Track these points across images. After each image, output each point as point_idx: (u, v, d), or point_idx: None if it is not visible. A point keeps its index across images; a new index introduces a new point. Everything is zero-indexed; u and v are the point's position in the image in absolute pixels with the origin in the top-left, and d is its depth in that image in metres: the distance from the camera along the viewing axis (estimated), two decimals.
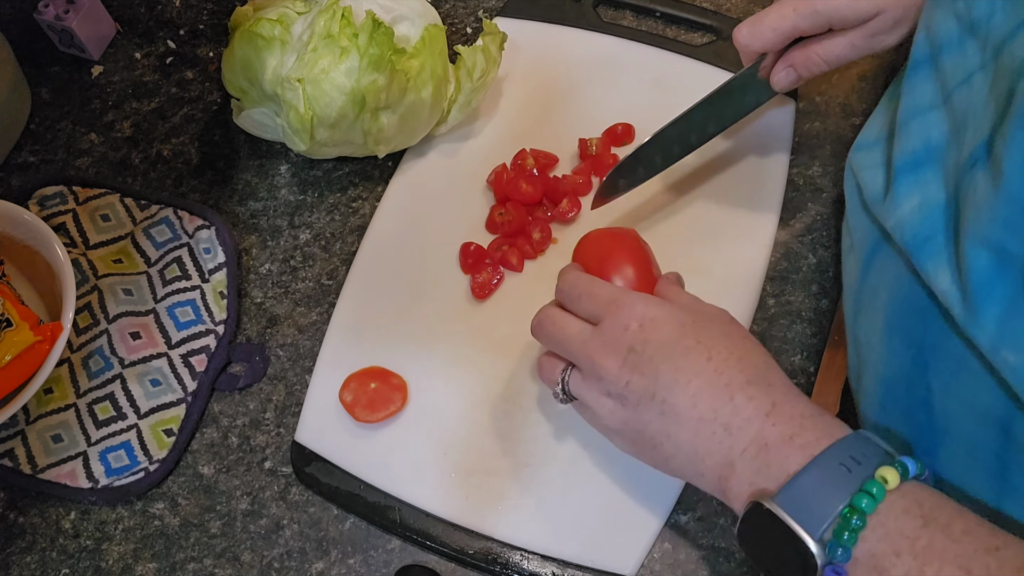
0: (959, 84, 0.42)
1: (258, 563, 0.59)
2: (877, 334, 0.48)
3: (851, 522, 0.39)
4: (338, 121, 0.62)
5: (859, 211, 0.50)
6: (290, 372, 0.64)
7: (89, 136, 0.74)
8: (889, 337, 0.46)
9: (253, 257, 0.69)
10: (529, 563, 0.56)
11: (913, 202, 0.43)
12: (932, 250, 0.41)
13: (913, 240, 0.42)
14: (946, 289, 0.40)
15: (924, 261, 0.41)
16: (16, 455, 0.61)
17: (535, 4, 0.76)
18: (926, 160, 0.43)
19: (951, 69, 0.43)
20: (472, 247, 0.66)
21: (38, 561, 0.60)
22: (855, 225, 0.50)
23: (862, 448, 0.42)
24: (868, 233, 0.48)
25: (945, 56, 0.44)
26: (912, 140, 0.44)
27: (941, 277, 0.40)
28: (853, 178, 0.51)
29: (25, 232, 0.63)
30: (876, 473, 0.40)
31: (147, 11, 0.80)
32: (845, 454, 0.41)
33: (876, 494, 0.39)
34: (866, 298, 0.49)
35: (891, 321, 0.46)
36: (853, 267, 0.51)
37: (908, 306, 0.44)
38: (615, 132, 0.69)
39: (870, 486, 0.40)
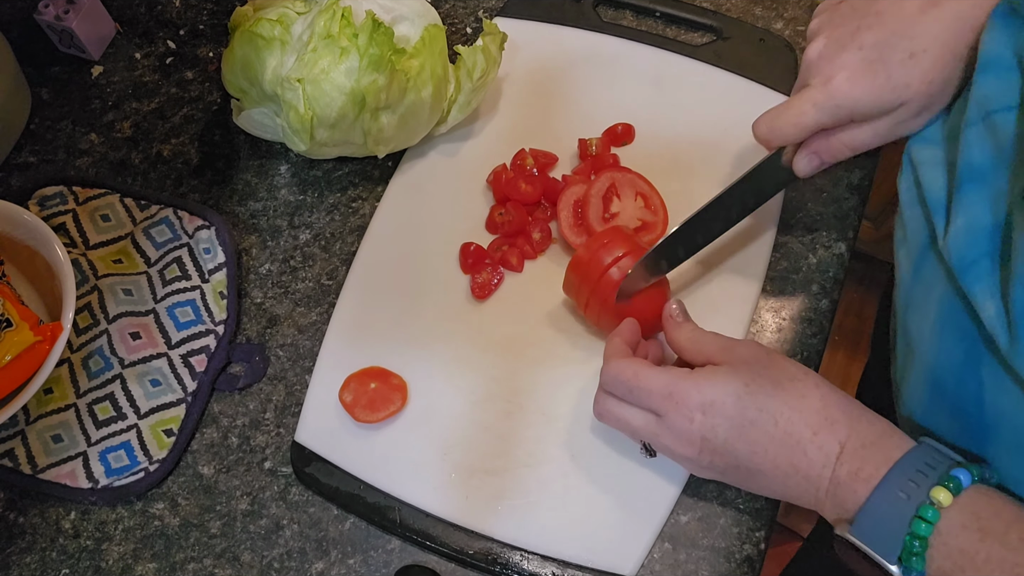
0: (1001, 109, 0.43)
1: (258, 563, 0.59)
2: (930, 326, 0.48)
3: (913, 547, 0.43)
4: (338, 121, 0.62)
5: (915, 205, 0.50)
6: (290, 372, 0.64)
7: (89, 136, 0.74)
8: (942, 330, 0.47)
9: (253, 257, 0.69)
10: (529, 563, 0.56)
11: (959, 223, 0.44)
12: (977, 275, 0.42)
13: (959, 263, 0.43)
14: (991, 316, 0.41)
15: (970, 284, 0.43)
16: (16, 455, 0.61)
17: (535, 4, 0.76)
18: (968, 179, 0.44)
19: (993, 90, 0.43)
20: (472, 247, 0.66)
21: (38, 561, 0.60)
22: (909, 218, 0.50)
23: (919, 466, 0.45)
24: (922, 229, 0.49)
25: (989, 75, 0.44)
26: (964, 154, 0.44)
27: (986, 304, 0.41)
28: (911, 171, 0.50)
29: (25, 232, 0.63)
30: (930, 495, 0.43)
31: (147, 11, 0.80)
32: (904, 479, 0.44)
33: (931, 517, 0.42)
34: (919, 292, 0.49)
35: (944, 315, 0.47)
36: (905, 260, 0.51)
37: (962, 304, 0.45)
38: (615, 132, 0.69)
39: (924, 511, 0.43)
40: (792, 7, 0.75)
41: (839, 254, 0.65)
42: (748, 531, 0.57)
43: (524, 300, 0.64)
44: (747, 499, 0.58)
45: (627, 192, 0.65)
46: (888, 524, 0.44)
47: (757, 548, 0.57)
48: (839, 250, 0.66)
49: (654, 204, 0.65)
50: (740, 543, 0.57)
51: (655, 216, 0.65)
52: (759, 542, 0.57)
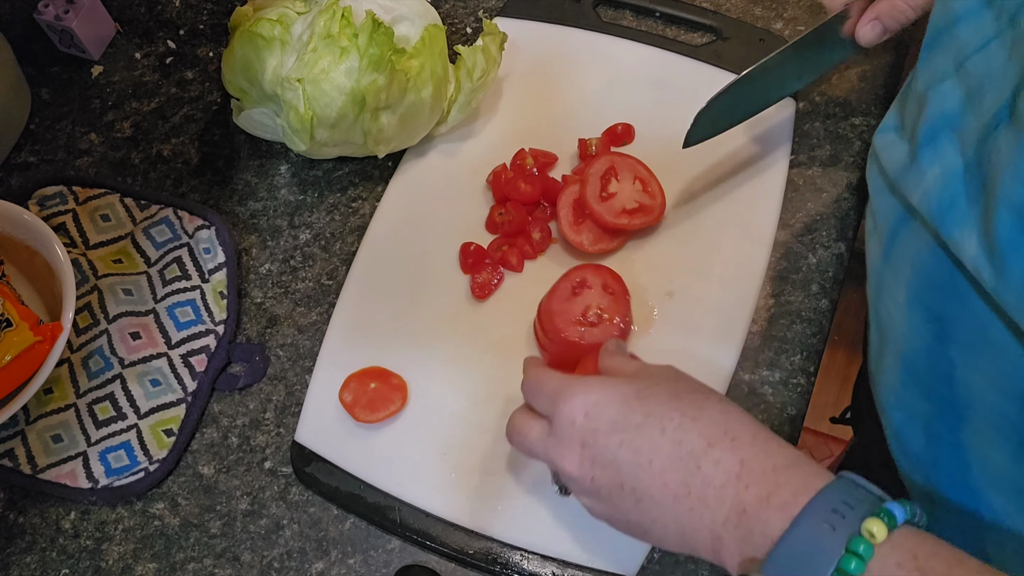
0: (975, 51, 0.42)
1: (258, 563, 0.59)
2: (899, 309, 0.47)
3: None
4: (338, 121, 0.62)
5: (882, 192, 0.50)
6: (290, 372, 0.64)
7: (89, 136, 0.74)
8: (911, 312, 0.46)
9: (253, 257, 0.69)
10: (529, 563, 0.56)
11: (935, 171, 0.43)
12: (956, 217, 0.41)
13: (938, 209, 0.42)
14: (973, 255, 0.39)
15: (950, 229, 0.41)
16: (16, 455, 0.61)
17: (535, 4, 0.76)
18: (942, 128, 0.43)
19: (966, 38, 0.43)
20: (472, 247, 0.66)
21: (38, 561, 0.60)
22: (878, 207, 0.50)
23: (845, 498, 0.38)
24: (892, 211, 0.48)
25: (961, 26, 0.44)
26: (928, 111, 0.44)
27: (967, 243, 0.39)
28: (876, 161, 0.51)
29: (25, 232, 0.63)
30: (862, 527, 0.37)
31: (147, 11, 0.80)
32: (827, 508, 0.38)
33: (863, 553, 0.36)
34: (889, 277, 0.49)
35: (913, 295, 0.46)
36: (876, 248, 0.51)
37: (931, 279, 0.44)
38: (615, 132, 0.69)
39: (856, 544, 0.37)
40: (792, 7, 0.75)
41: (839, 254, 0.65)
42: None
43: (524, 300, 0.64)
44: None
45: (626, 175, 0.65)
46: (809, 562, 0.37)
47: None
48: (839, 250, 0.66)
49: (652, 189, 0.65)
50: None
51: (652, 200, 0.65)
52: None
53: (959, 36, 0.44)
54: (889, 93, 0.71)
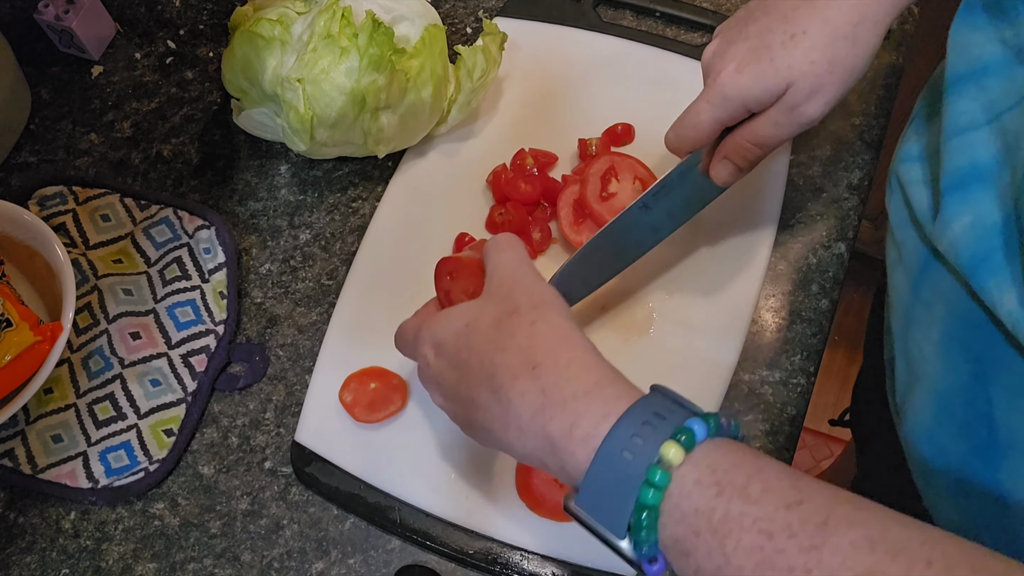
0: (1010, 107, 0.43)
1: (258, 563, 0.59)
2: (933, 347, 0.47)
3: (641, 520, 0.36)
4: (338, 121, 0.62)
5: (907, 225, 0.49)
6: (290, 372, 0.64)
7: (89, 136, 0.74)
8: (947, 350, 0.46)
9: (253, 257, 0.69)
10: (529, 563, 0.56)
11: (964, 221, 0.43)
12: (991, 270, 0.41)
13: (970, 261, 0.42)
14: (1012, 310, 0.39)
15: (984, 281, 0.41)
16: (16, 455, 0.61)
17: (535, 4, 0.76)
18: (974, 179, 0.43)
19: (999, 91, 0.43)
20: (466, 238, 0.66)
21: (38, 561, 0.60)
22: (903, 239, 0.50)
23: (646, 418, 0.38)
24: (918, 248, 0.48)
25: (991, 78, 0.44)
26: (956, 159, 0.44)
27: (1005, 298, 0.40)
28: (900, 191, 0.50)
29: (25, 232, 0.63)
30: (659, 453, 0.36)
31: (147, 11, 0.80)
32: (627, 436, 0.37)
33: (659, 481, 0.36)
34: (919, 312, 0.48)
35: (948, 334, 0.45)
36: (903, 281, 0.50)
37: (968, 320, 0.43)
38: (615, 132, 0.69)
39: (652, 474, 0.36)
40: None
41: (839, 254, 0.65)
42: None
43: None
44: None
45: (626, 175, 0.65)
46: (614, 493, 0.37)
47: None
48: (839, 250, 0.66)
49: None
50: None
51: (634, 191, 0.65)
52: None
53: (990, 88, 0.44)
54: (889, 93, 0.71)
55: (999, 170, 0.42)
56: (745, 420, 0.60)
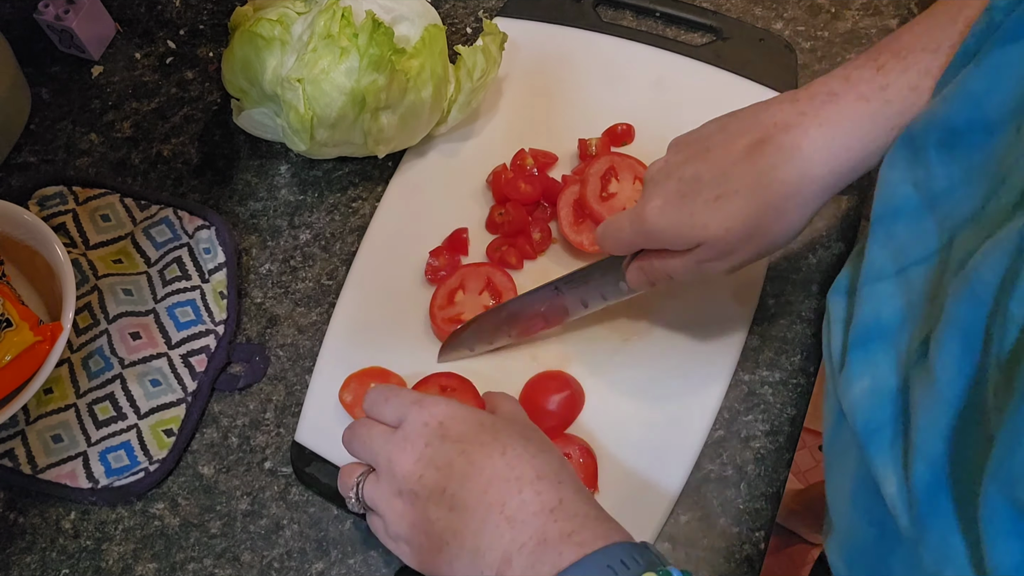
0: (917, 262, 0.40)
1: (258, 563, 0.59)
2: (845, 500, 0.45)
3: None
4: (338, 121, 0.62)
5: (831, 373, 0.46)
6: (290, 372, 0.64)
7: (89, 136, 0.74)
8: (855, 506, 0.44)
9: (253, 257, 0.69)
10: None
11: (863, 384, 0.41)
12: (879, 445, 0.39)
13: (864, 429, 0.40)
14: (892, 493, 0.37)
15: (873, 455, 0.39)
16: (16, 455, 0.62)
17: (535, 4, 0.76)
18: (876, 336, 0.41)
19: (907, 241, 0.41)
20: (464, 234, 0.66)
21: (38, 561, 0.60)
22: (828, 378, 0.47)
23: (635, 555, 0.42)
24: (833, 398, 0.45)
25: (900, 225, 0.41)
26: (863, 310, 0.42)
27: (888, 480, 0.38)
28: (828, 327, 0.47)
29: (25, 232, 0.63)
30: None
31: (147, 11, 0.80)
32: (616, 558, 0.42)
33: None
34: (835, 457, 0.46)
35: (857, 489, 0.43)
36: (828, 419, 0.47)
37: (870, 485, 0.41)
38: (615, 132, 0.69)
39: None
40: (792, 7, 0.75)
41: (839, 254, 0.65)
42: (748, 531, 0.57)
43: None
44: (747, 499, 0.58)
45: (626, 175, 0.65)
46: None
47: (757, 548, 0.57)
48: (839, 250, 0.66)
49: None
50: (740, 543, 0.57)
51: None
52: (759, 542, 0.57)
53: (898, 235, 0.42)
54: None
55: (899, 331, 0.40)
56: (745, 420, 0.60)
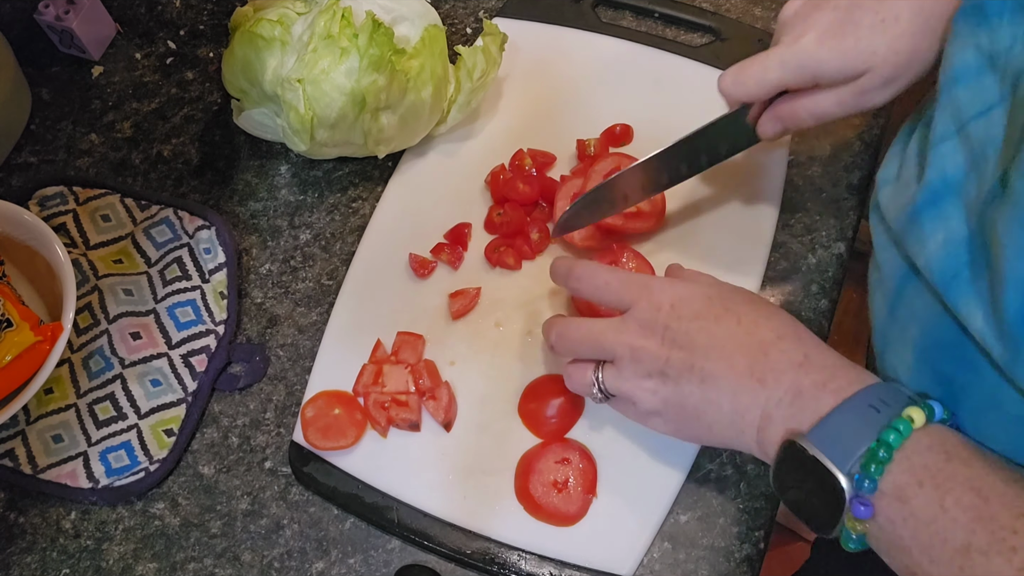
0: (976, 116, 0.42)
1: (258, 563, 0.59)
2: (907, 370, 0.47)
3: (878, 455, 0.41)
4: (338, 122, 0.62)
5: (886, 246, 0.49)
6: (290, 372, 0.64)
7: (89, 136, 0.74)
8: (919, 372, 0.46)
9: (253, 257, 0.69)
10: (527, 563, 0.57)
11: (938, 238, 0.43)
12: (960, 288, 0.41)
13: (942, 278, 0.42)
14: (981, 329, 0.39)
15: (955, 299, 0.41)
16: (16, 455, 0.62)
17: (534, 5, 0.76)
18: (944, 193, 0.43)
19: (966, 100, 0.42)
20: (466, 228, 0.67)
21: (38, 561, 0.60)
22: (883, 260, 0.50)
23: (892, 393, 0.44)
24: (896, 267, 0.48)
25: (960, 87, 0.43)
26: (930, 173, 0.44)
27: (973, 316, 0.40)
28: (879, 213, 0.50)
29: (25, 232, 0.63)
30: (904, 412, 0.42)
31: (147, 12, 0.80)
32: (875, 397, 0.43)
33: (903, 430, 0.41)
34: (895, 334, 0.48)
35: (921, 356, 0.46)
36: (880, 303, 0.50)
37: (939, 340, 0.44)
38: (613, 133, 0.69)
39: (898, 423, 0.41)
40: None
41: (838, 254, 0.66)
42: (748, 530, 0.57)
43: (522, 301, 0.64)
44: (746, 499, 0.58)
45: None
46: (853, 433, 0.42)
47: (756, 548, 0.57)
48: (838, 250, 0.66)
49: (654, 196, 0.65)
50: (740, 542, 0.57)
51: (652, 207, 0.65)
52: (758, 541, 0.57)
53: (958, 97, 0.43)
54: None
55: (966, 182, 0.42)
56: None
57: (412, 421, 0.60)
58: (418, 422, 0.60)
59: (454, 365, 0.63)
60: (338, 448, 0.60)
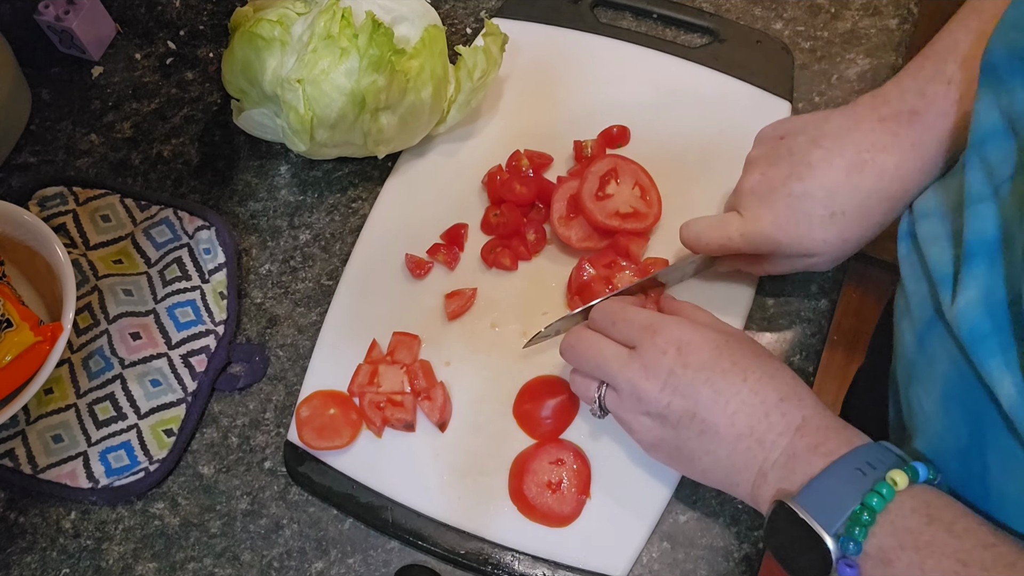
0: (1005, 180, 0.43)
1: (258, 563, 0.59)
2: (934, 404, 0.47)
3: (862, 518, 0.42)
4: (338, 122, 0.62)
5: (919, 279, 0.49)
6: (290, 372, 0.65)
7: (89, 137, 0.74)
8: (947, 410, 0.46)
9: (253, 257, 0.69)
10: (520, 564, 0.57)
11: (970, 295, 0.43)
12: (990, 350, 0.41)
13: (970, 335, 0.42)
14: (1010, 395, 0.40)
15: (983, 359, 0.41)
16: (16, 455, 0.62)
17: (532, 5, 0.76)
18: (979, 252, 0.44)
19: (996, 161, 0.44)
20: (463, 229, 0.67)
21: (38, 561, 0.60)
22: (913, 291, 0.50)
23: (879, 455, 0.45)
24: (926, 301, 0.48)
25: (989, 148, 0.44)
26: (969, 230, 0.44)
27: (1002, 382, 0.40)
28: (914, 245, 0.50)
29: (25, 233, 0.63)
30: (887, 476, 0.43)
31: (147, 12, 0.80)
32: (862, 460, 0.45)
33: (886, 494, 0.43)
34: (922, 366, 0.49)
35: (949, 393, 0.46)
36: (909, 332, 0.50)
37: (969, 382, 0.44)
38: (610, 134, 0.69)
39: (881, 487, 0.43)
40: (792, 7, 0.75)
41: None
42: (746, 530, 0.57)
43: (519, 301, 0.64)
44: None
45: (626, 179, 0.65)
46: (839, 495, 0.44)
47: (755, 547, 0.57)
48: None
49: (651, 197, 0.65)
50: (738, 542, 0.57)
51: (648, 208, 0.65)
52: (757, 541, 0.57)
53: (988, 158, 0.44)
54: None
55: (1001, 245, 0.42)
56: None
57: (407, 421, 0.60)
58: (413, 422, 0.60)
59: (449, 365, 0.63)
60: (333, 448, 0.60)
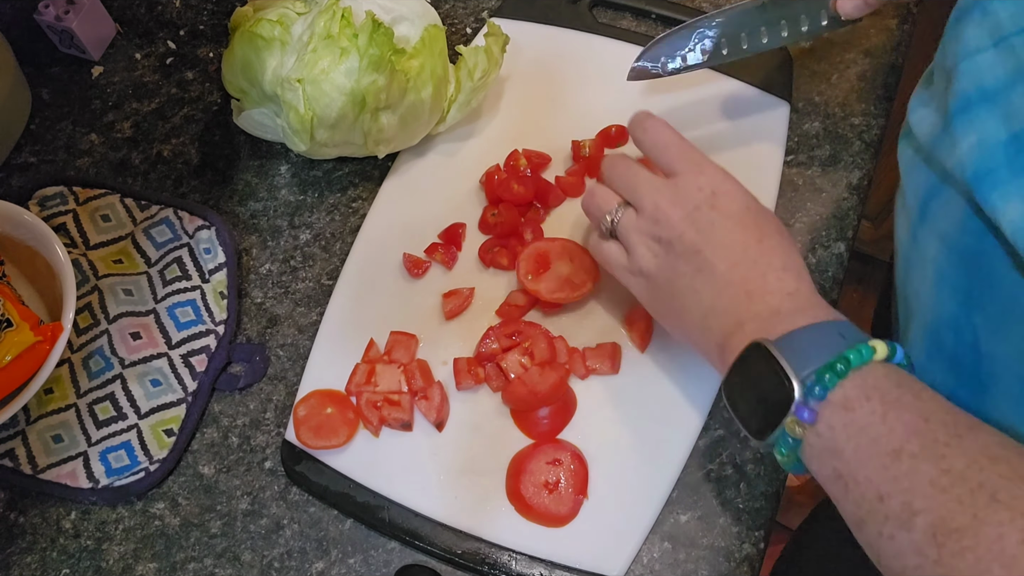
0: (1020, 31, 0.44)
1: (258, 563, 0.59)
2: (927, 285, 0.50)
3: (836, 367, 0.44)
4: (338, 122, 0.62)
5: (916, 166, 0.51)
6: (290, 372, 0.64)
7: (89, 136, 0.74)
8: (939, 285, 0.49)
9: (253, 257, 0.69)
10: (517, 564, 0.57)
11: (971, 140, 0.44)
12: (994, 182, 0.43)
13: (974, 174, 0.44)
14: (1014, 220, 0.41)
15: (988, 193, 0.43)
16: (16, 455, 0.62)
17: (531, 5, 0.76)
18: (979, 101, 0.45)
19: (1005, 16, 0.45)
20: (461, 229, 0.67)
21: (39, 561, 0.60)
22: (909, 185, 0.52)
23: (859, 333, 0.47)
24: (923, 184, 0.50)
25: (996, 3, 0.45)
26: (963, 83, 0.46)
27: (1009, 208, 0.41)
28: (909, 137, 0.52)
29: (25, 232, 0.63)
30: (869, 342, 0.45)
31: (147, 12, 0.80)
32: (845, 329, 0.47)
33: (864, 353, 0.44)
34: (916, 255, 0.51)
35: (941, 270, 0.48)
36: (904, 228, 0.53)
37: (960, 250, 0.46)
38: (608, 134, 0.69)
39: (861, 347, 0.44)
40: None
41: (838, 254, 0.66)
42: (747, 530, 0.57)
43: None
44: (747, 499, 0.58)
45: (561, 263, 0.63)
46: (816, 348, 0.45)
47: (756, 547, 0.57)
48: (838, 250, 0.66)
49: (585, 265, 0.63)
50: (739, 542, 0.57)
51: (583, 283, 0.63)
52: (758, 541, 0.57)
53: (995, 12, 0.45)
54: (889, 93, 0.71)
55: (1005, 91, 0.44)
56: None
57: (404, 421, 0.60)
58: (410, 422, 0.60)
59: (447, 365, 0.63)
60: (330, 447, 0.60)
